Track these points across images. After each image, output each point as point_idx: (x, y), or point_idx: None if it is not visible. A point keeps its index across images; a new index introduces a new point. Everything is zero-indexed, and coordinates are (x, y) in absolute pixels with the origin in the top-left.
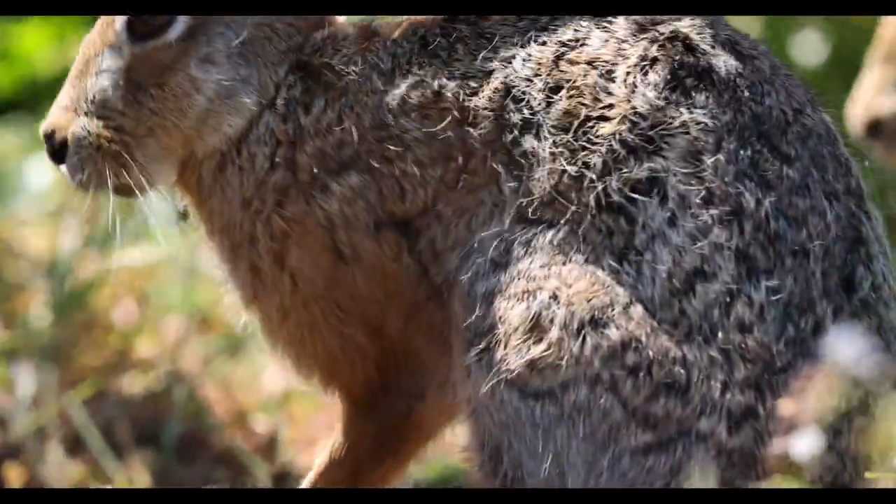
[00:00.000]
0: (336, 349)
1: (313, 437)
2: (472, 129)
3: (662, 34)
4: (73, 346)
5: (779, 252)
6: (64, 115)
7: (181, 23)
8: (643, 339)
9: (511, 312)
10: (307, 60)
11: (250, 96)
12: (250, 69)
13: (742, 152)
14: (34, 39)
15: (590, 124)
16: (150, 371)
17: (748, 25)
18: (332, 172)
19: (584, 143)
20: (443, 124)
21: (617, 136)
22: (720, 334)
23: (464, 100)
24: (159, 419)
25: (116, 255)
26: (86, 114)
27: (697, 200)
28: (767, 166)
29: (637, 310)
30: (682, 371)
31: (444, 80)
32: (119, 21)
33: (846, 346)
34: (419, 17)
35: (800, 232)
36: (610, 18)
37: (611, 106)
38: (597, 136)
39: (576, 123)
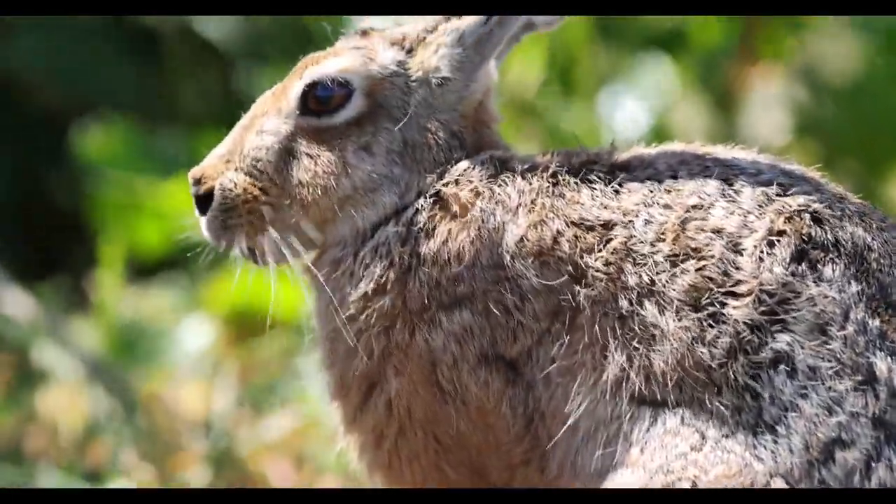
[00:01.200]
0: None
1: None
2: (585, 288)
3: (790, 206)
4: None
5: None
6: (217, 165)
7: (352, 108)
8: None
9: None
10: (440, 189)
11: (391, 196)
12: (403, 171)
13: (870, 323)
14: (185, 196)
15: (718, 301)
16: None
17: None
18: (443, 306)
19: (711, 322)
20: (557, 276)
21: (746, 316)
22: None
23: (580, 255)
24: None
25: (271, 415)
26: (237, 168)
27: (829, 372)
28: None
29: (777, 485)
30: None
31: (563, 226)
32: (295, 91)
33: None
34: (555, 152)
35: None
36: (736, 187)
37: (739, 282)
38: (726, 315)
39: (703, 299)
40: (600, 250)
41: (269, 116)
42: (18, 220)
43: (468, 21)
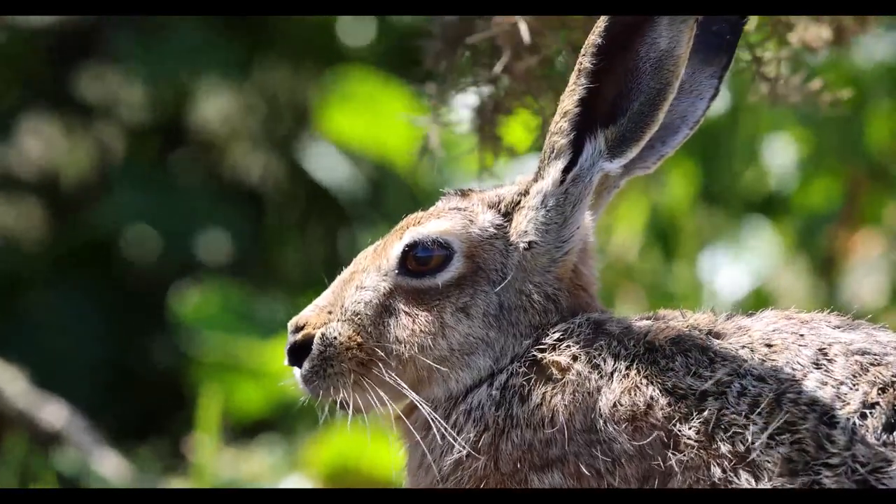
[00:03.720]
0: None
1: None
2: (675, 453)
3: (882, 377)
4: None
5: None
6: (319, 315)
7: (452, 270)
8: None
9: None
10: (536, 354)
11: (486, 359)
12: (499, 334)
13: None
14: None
15: (812, 471)
16: None
17: None
18: (534, 468)
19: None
20: (650, 443)
21: (838, 485)
22: None
23: (672, 423)
24: None
25: None
26: (338, 319)
27: None
28: None
29: None
30: None
31: (657, 394)
32: (395, 251)
33: None
34: (653, 316)
35: None
36: (830, 356)
37: (832, 454)
38: (820, 484)
39: (798, 469)
40: (692, 419)
41: (368, 273)
42: (117, 382)
43: (547, 182)
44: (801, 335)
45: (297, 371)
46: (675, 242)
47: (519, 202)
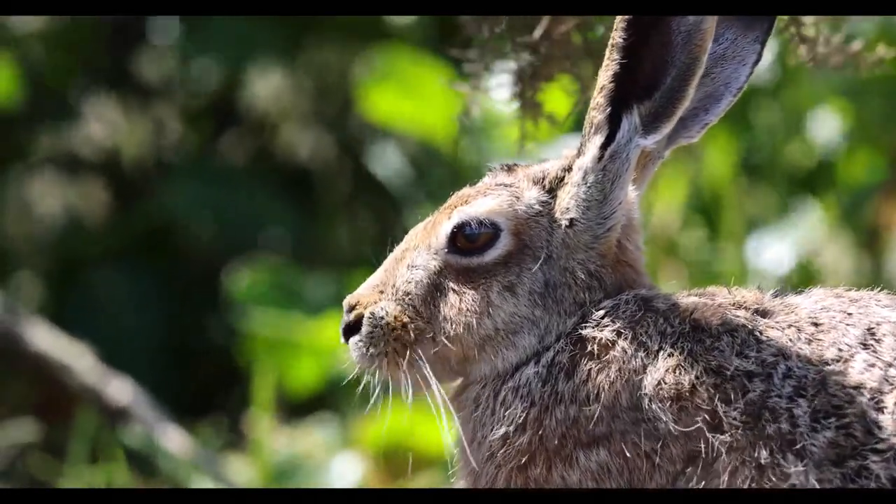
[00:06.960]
0: None
1: None
2: (721, 435)
3: None
4: None
5: None
6: (371, 293)
7: (500, 248)
8: None
9: None
10: (581, 332)
11: (531, 338)
12: (544, 313)
13: None
14: (337, 334)
15: (860, 456)
16: None
17: None
18: (580, 444)
19: (853, 476)
20: (694, 423)
21: (886, 471)
22: None
23: (717, 404)
24: None
25: None
26: (389, 299)
27: None
28: None
29: None
30: None
31: (702, 373)
32: (445, 229)
33: None
34: (701, 293)
35: None
36: (878, 336)
37: (880, 440)
38: (868, 470)
39: (846, 455)
40: (738, 400)
41: (419, 251)
42: (178, 360)
43: (587, 159)
44: (849, 314)
45: (350, 344)
46: (718, 217)
47: (563, 178)
